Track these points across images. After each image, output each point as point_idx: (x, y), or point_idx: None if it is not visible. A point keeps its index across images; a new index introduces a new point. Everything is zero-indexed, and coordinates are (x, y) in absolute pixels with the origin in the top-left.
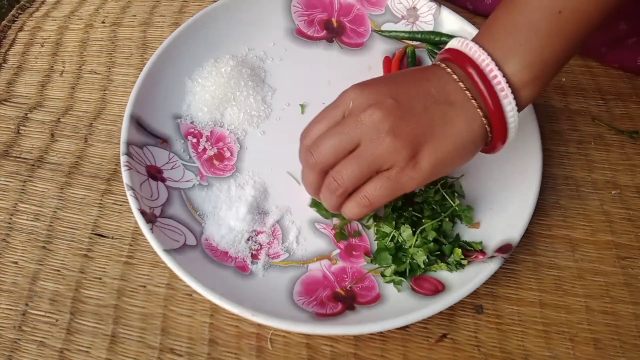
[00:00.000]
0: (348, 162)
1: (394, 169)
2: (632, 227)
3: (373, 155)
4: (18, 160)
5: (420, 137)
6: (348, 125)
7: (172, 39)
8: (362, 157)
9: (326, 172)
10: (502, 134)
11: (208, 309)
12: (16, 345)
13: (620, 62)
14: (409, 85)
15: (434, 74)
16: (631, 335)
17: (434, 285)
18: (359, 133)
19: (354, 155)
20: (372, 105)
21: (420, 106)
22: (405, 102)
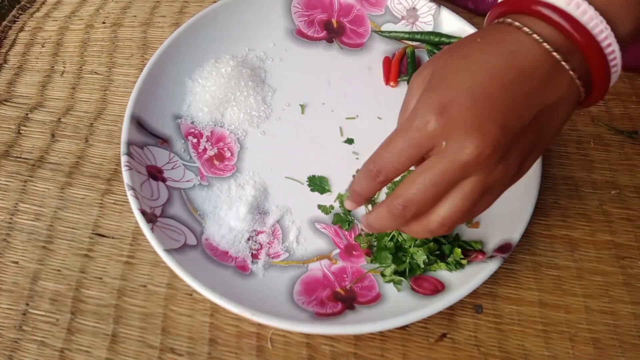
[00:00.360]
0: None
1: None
2: (632, 227)
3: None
4: (19, 160)
5: (528, 152)
6: (452, 173)
7: (173, 39)
8: (476, 191)
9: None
10: (603, 89)
11: (208, 309)
12: (17, 345)
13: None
14: (507, 90)
15: (528, 68)
16: (630, 335)
17: (434, 285)
18: (464, 176)
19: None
20: (475, 142)
21: (528, 117)
22: (513, 120)
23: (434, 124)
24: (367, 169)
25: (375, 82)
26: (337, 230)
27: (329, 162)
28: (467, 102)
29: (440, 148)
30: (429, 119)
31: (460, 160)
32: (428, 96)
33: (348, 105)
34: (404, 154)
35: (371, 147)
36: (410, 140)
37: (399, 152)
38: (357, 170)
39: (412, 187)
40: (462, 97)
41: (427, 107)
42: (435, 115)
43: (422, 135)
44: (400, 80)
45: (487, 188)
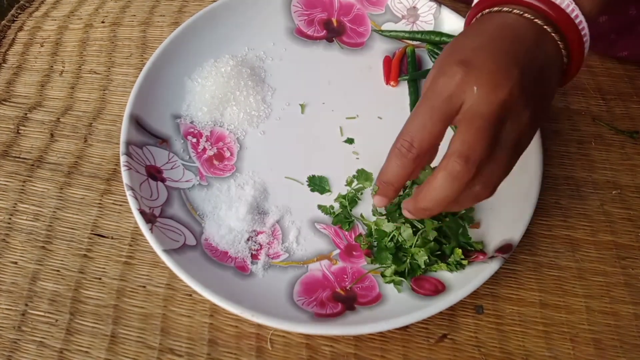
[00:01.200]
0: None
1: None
2: (633, 227)
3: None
4: (17, 160)
5: (540, 110)
6: (494, 117)
7: (172, 38)
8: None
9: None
10: (580, 55)
11: (208, 309)
12: (16, 346)
13: (630, 49)
14: (509, 49)
15: (520, 33)
16: (631, 336)
17: (434, 285)
18: (502, 121)
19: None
20: (504, 82)
21: (532, 73)
22: (525, 68)
23: (461, 73)
24: (395, 148)
25: (375, 81)
26: (337, 231)
27: (329, 162)
28: (485, 54)
29: (472, 95)
30: (455, 71)
31: (497, 99)
32: (445, 62)
33: (348, 105)
34: (436, 112)
35: (371, 147)
36: (440, 95)
37: (431, 113)
38: (357, 170)
39: (466, 135)
40: (478, 51)
41: (449, 65)
42: (460, 66)
43: (451, 88)
44: (400, 79)
45: (519, 138)
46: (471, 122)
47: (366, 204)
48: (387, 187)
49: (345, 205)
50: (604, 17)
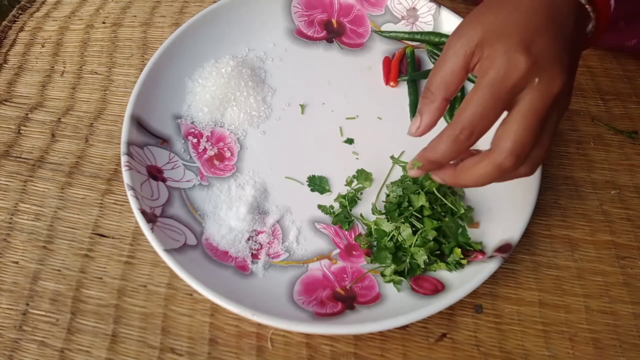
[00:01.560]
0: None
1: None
2: (632, 227)
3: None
4: (19, 160)
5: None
6: (549, 106)
7: (173, 39)
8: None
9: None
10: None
11: (208, 309)
12: (17, 345)
13: (610, 43)
14: (554, 25)
15: (560, 8)
16: (630, 335)
17: (434, 284)
18: (554, 108)
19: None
20: (563, 75)
21: (574, 50)
22: (571, 52)
23: (525, 62)
24: (454, 134)
25: (375, 82)
26: (337, 230)
27: (329, 162)
28: (544, 40)
29: (532, 85)
30: (519, 60)
31: (552, 93)
32: (502, 43)
33: (348, 105)
34: (499, 102)
35: (371, 147)
36: (504, 84)
37: (494, 102)
38: (357, 170)
39: (519, 131)
40: (537, 36)
41: (512, 51)
42: (525, 55)
43: (515, 78)
44: (400, 80)
45: (560, 119)
46: (527, 117)
47: (366, 204)
48: (432, 165)
49: (345, 205)
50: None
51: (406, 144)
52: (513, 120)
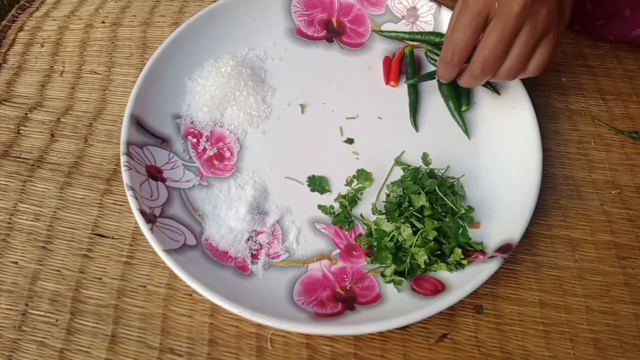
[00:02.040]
0: None
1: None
2: (632, 227)
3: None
4: (18, 160)
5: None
6: (510, 27)
7: (172, 38)
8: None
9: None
10: None
11: (208, 309)
12: (16, 345)
13: (615, 33)
14: None
15: None
16: (631, 336)
17: (434, 285)
18: (519, 27)
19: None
20: (520, 21)
21: None
22: None
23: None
24: (442, 57)
25: (375, 82)
26: (337, 231)
27: (329, 162)
28: None
29: (495, 10)
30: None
31: (513, 13)
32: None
33: (348, 105)
34: (468, 28)
35: (371, 147)
36: (469, 14)
37: (464, 29)
38: (357, 170)
39: (484, 50)
40: None
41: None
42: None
43: (478, 5)
44: (400, 80)
45: (539, 34)
46: (489, 37)
47: (366, 204)
48: (444, 79)
49: (345, 205)
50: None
51: (406, 144)
52: (481, 40)
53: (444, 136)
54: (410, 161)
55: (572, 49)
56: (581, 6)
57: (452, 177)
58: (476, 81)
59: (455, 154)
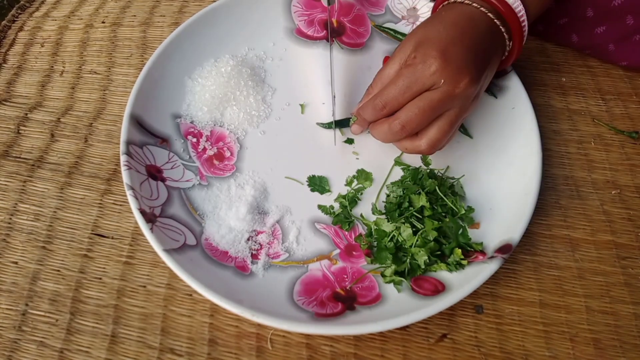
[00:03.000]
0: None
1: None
2: (632, 227)
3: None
4: (18, 160)
5: (481, 91)
6: (445, 101)
7: (172, 38)
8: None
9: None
10: (519, 44)
11: (208, 309)
12: (16, 345)
13: (629, 59)
14: (473, 40)
15: (478, 25)
16: (631, 336)
17: (434, 285)
18: (451, 105)
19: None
20: (465, 80)
21: (486, 64)
22: (482, 65)
23: (435, 66)
24: (374, 103)
25: None
26: (337, 231)
27: (329, 162)
28: (456, 49)
29: (439, 84)
30: (431, 63)
31: (453, 93)
32: (425, 48)
33: (348, 105)
34: (408, 91)
35: (371, 147)
36: (415, 79)
37: (405, 90)
38: (357, 170)
39: (411, 110)
40: (451, 46)
41: (428, 54)
42: (436, 60)
43: (425, 75)
44: None
45: (462, 116)
46: (422, 102)
47: (366, 204)
48: (363, 121)
49: (345, 205)
50: (601, 28)
51: None
52: (412, 102)
53: None
54: (410, 161)
55: (572, 49)
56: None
57: (452, 177)
58: (391, 136)
59: (455, 154)
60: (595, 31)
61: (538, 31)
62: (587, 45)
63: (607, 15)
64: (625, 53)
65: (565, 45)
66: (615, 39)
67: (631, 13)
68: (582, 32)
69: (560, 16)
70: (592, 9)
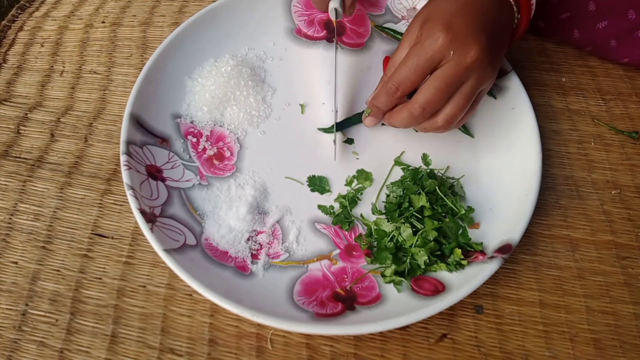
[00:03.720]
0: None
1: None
2: (632, 227)
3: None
4: (18, 160)
5: (498, 62)
6: (459, 75)
7: (172, 38)
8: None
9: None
10: (527, 17)
11: (208, 309)
12: (16, 345)
13: (630, 56)
14: (481, 11)
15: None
16: (631, 336)
17: (434, 285)
18: (466, 78)
19: None
20: (475, 48)
21: (496, 33)
22: (492, 33)
23: (442, 39)
24: (386, 87)
25: (375, 82)
26: (337, 231)
27: (329, 162)
28: (461, 20)
29: (449, 57)
30: (438, 36)
31: (465, 63)
32: (430, 24)
33: (348, 105)
34: (419, 68)
35: (371, 147)
36: (424, 55)
37: (415, 68)
38: (357, 170)
39: (428, 91)
40: (456, 17)
41: (433, 29)
42: (442, 32)
43: (434, 49)
44: None
45: (480, 88)
46: (437, 80)
47: (366, 204)
48: (377, 110)
49: (345, 205)
50: (603, 23)
51: (406, 144)
52: (428, 81)
53: (444, 136)
54: (410, 161)
55: (572, 49)
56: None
57: (452, 177)
58: (412, 121)
59: (455, 154)
60: (597, 26)
61: (540, 28)
62: (589, 41)
63: (609, 9)
64: (627, 50)
65: (566, 42)
66: (617, 34)
67: (633, 7)
68: (583, 27)
69: (562, 11)
70: (594, 3)
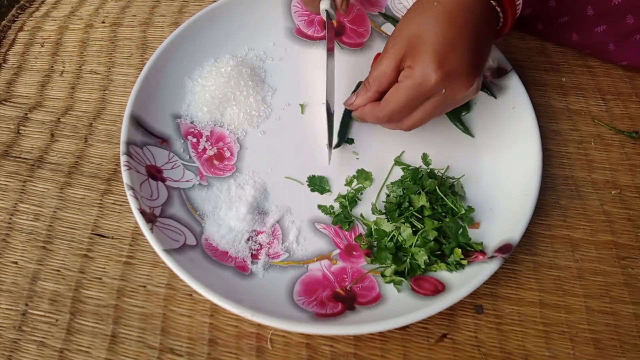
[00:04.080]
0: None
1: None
2: (632, 227)
3: None
4: (18, 160)
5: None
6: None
7: (172, 38)
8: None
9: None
10: (512, 18)
11: (208, 309)
12: (16, 345)
13: (629, 59)
14: (469, 33)
15: (475, 11)
16: (631, 336)
17: (434, 285)
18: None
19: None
20: (468, 85)
21: (485, 51)
22: (482, 60)
23: (436, 79)
24: (379, 117)
25: None
26: (337, 231)
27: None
28: (456, 55)
29: (440, 93)
30: (431, 77)
31: (455, 98)
32: (423, 56)
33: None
34: (412, 105)
35: (371, 147)
36: (417, 96)
37: (408, 105)
38: (357, 170)
39: (398, 100)
40: (450, 52)
41: (426, 65)
42: (436, 73)
43: (427, 88)
44: None
45: (452, 98)
46: (427, 108)
47: (366, 204)
48: (364, 119)
49: (345, 205)
50: (602, 27)
51: (406, 144)
52: (395, 91)
53: (444, 136)
54: (410, 161)
55: (572, 49)
56: (545, 1)
57: (452, 177)
58: (375, 121)
59: (455, 154)
60: (596, 30)
61: (538, 30)
62: (588, 44)
63: (607, 14)
64: (625, 52)
65: (565, 44)
66: (616, 38)
67: (631, 12)
68: (582, 31)
69: (561, 15)
70: (593, 7)
